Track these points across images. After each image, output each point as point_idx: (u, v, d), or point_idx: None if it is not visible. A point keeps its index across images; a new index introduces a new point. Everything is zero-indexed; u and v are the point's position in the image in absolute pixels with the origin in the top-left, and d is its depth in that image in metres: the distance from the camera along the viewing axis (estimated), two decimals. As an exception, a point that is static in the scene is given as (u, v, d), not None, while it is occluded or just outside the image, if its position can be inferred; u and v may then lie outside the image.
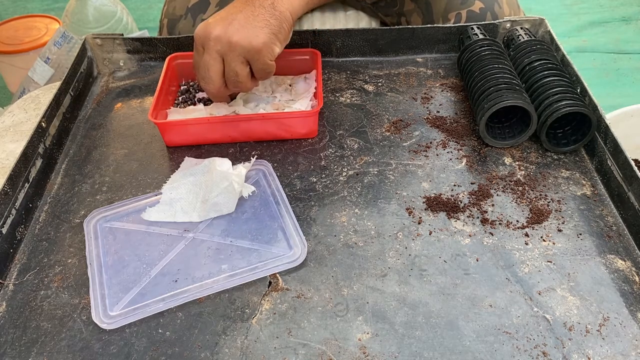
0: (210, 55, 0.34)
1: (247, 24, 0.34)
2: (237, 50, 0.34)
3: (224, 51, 0.34)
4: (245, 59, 0.35)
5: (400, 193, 0.36)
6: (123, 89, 0.47)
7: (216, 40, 0.34)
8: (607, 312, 0.28)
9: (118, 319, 0.29)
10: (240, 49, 0.34)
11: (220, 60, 0.35)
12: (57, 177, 0.39)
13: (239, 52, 0.34)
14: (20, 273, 0.32)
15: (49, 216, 0.35)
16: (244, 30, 0.33)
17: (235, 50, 0.34)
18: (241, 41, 0.33)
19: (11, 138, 0.47)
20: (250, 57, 0.35)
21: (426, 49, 0.47)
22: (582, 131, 0.37)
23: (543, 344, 0.27)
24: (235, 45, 0.34)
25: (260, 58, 0.35)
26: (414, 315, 0.28)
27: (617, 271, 0.30)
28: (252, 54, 0.34)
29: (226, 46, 0.34)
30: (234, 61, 0.34)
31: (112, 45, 0.48)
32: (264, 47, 0.34)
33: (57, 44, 0.65)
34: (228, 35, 0.33)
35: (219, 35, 0.34)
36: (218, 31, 0.34)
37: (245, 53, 0.34)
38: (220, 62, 0.35)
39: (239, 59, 0.34)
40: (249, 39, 0.33)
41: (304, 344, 0.27)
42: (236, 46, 0.34)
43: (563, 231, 0.33)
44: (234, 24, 0.34)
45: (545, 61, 0.40)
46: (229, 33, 0.33)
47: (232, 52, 0.34)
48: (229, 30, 0.34)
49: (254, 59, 0.35)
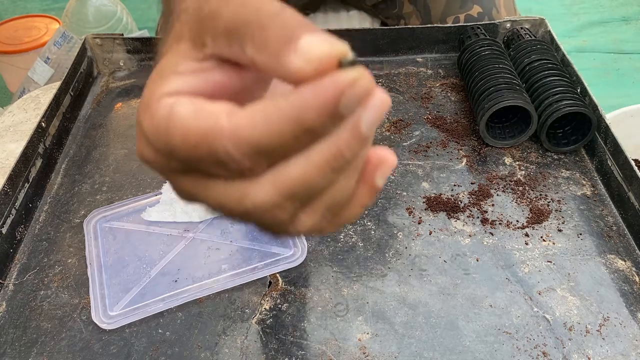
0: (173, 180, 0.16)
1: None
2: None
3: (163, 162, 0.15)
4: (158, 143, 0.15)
5: (400, 193, 0.36)
6: (123, 89, 0.47)
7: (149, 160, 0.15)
8: (607, 312, 0.28)
9: (118, 319, 0.28)
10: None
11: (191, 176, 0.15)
12: (57, 177, 0.38)
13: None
14: (20, 273, 0.32)
15: (49, 216, 0.35)
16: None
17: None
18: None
19: (11, 138, 0.47)
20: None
21: (426, 49, 0.47)
22: (582, 131, 0.37)
23: (543, 344, 0.27)
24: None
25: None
26: (414, 315, 0.28)
27: (617, 271, 0.30)
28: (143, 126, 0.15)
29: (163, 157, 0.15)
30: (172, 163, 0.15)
31: (112, 45, 0.47)
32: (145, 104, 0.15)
33: (57, 43, 0.65)
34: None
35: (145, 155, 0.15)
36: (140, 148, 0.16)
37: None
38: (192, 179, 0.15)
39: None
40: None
41: (303, 344, 0.27)
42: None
43: (563, 231, 0.33)
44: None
45: (546, 61, 0.40)
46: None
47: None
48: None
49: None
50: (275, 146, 0.13)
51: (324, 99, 0.12)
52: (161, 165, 0.15)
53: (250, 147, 0.13)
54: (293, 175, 0.13)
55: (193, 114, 0.13)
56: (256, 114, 0.13)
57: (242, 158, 0.13)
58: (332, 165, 0.13)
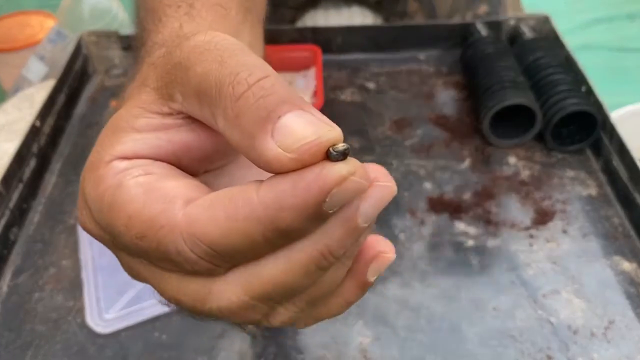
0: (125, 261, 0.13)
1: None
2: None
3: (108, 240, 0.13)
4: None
5: (402, 193, 0.35)
6: (118, 87, 0.46)
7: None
8: (613, 314, 0.28)
9: (113, 323, 0.28)
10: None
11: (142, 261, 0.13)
12: (51, 177, 0.38)
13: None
14: (14, 275, 0.31)
15: (44, 217, 0.35)
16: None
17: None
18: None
19: (5, 137, 0.46)
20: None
21: (429, 46, 0.46)
22: (587, 130, 0.37)
23: (547, 348, 0.26)
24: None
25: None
26: (416, 318, 0.28)
27: (622, 273, 0.30)
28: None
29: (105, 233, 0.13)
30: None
31: (107, 43, 0.47)
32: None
33: (51, 41, 0.64)
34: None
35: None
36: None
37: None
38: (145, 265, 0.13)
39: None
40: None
41: (303, 347, 0.27)
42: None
43: (568, 232, 0.32)
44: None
45: (550, 59, 0.39)
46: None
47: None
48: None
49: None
50: (241, 249, 0.10)
51: (305, 199, 0.09)
52: (102, 239, 0.12)
53: (209, 249, 0.10)
54: (266, 276, 0.11)
55: (143, 195, 0.11)
56: (218, 207, 0.10)
57: (197, 260, 0.10)
58: (318, 264, 0.11)
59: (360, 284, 0.13)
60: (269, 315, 0.12)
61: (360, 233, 0.11)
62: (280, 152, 0.10)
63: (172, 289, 0.12)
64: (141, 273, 0.13)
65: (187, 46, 0.12)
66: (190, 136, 0.12)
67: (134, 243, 0.11)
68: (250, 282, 0.11)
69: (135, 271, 0.13)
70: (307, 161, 0.10)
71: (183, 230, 0.10)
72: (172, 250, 0.11)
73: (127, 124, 0.12)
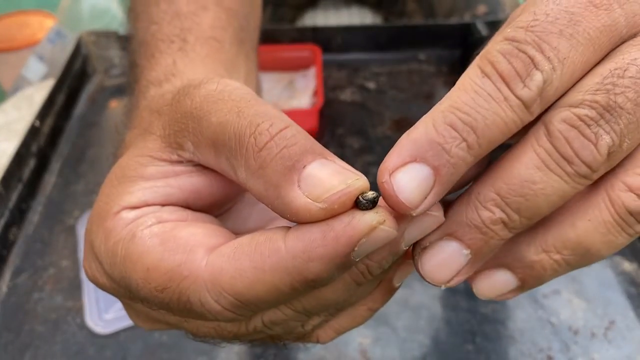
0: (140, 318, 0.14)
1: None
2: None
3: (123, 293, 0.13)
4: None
5: (401, 193, 0.35)
6: (118, 87, 0.46)
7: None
8: (613, 315, 0.28)
9: (113, 323, 0.28)
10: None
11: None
12: (51, 177, 0.38)
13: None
14: (14, 275, 0.31)
15: (43, 217, 0.35)
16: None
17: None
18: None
19: (4, 137, 0.46)
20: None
21: (429, 46, 0.46)
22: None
23: (548, 348, 0.26)
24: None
25: None
26: (416, 319, 0.28)
27: (623, 273, 0.30)
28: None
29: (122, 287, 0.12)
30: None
31: (107, 43, 0.47)
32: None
33: (51, 41, 0.64)
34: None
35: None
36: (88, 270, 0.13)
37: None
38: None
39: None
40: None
41: (303, 348, 0.27)
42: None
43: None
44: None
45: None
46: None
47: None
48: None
49: None
50: (267, 299, 0.10)
51: (334, 249, 0.09)
52: (115, 291, 0.12)
53: (235, 300, 0.10)
54: (312, 293, 0.11)
55: (160, 246, 0.10)
56: (243, 257, 0.10)
57: (221, 311, 0.10)
58: (357, 281, 0.11)
59: (386, 290, 0.13)
60: (305, 324, 0.12)
61: (400, 255, 0.11)
62: (309, 202, 0.10)
63: (209, 327, 0.12)
64: (163, 321, 0.12)
65: (198, 95, 0.11)
66: (201, 182, 0.12)
67: (154, 295, 0.11)
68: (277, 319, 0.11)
69: (156, 319, 0.12)
70: (337, 210, 0.10)
71: (207, 280, 0.10)
72: (195, 301, 0.10)
73: (135, 173, 0.12)
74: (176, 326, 0.12)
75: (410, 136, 0.10)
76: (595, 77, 0.10)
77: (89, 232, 0.12)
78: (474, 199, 0.10)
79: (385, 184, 0.10)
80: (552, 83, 0.09)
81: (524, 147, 0.10)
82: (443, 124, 0.10)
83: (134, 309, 0.13)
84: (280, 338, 0.13)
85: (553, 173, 0.09)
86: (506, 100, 0.09)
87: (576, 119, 0.09)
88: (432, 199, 0.10)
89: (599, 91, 0.09)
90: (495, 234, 0.10)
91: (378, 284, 0.12)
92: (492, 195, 0.10)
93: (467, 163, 0.10)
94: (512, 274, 0.11)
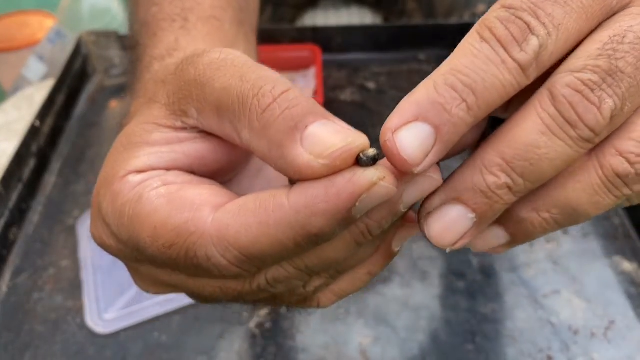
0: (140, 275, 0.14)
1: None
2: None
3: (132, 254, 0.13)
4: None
5: (401, 193, 0.35)
6: (118, 87, 0.46)
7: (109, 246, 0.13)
8: (613, 315, 0.28)
9: (113, 323, 0.28)
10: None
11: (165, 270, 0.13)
12: (51, 177, 0.38)
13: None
14: (14, 275, 0.31)
15: (43, 217, 0.35)
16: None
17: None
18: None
19: (4, 137, 0.46)
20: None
21: (429, 46, 0.46)
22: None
23: (548, 348, 0.26)
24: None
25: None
26: (416, 318, 0.28)
27: (623, 273, 0.30)
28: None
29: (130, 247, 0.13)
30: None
31: (107, 43, 0.47)
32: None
33: (51, 41, 0.64)
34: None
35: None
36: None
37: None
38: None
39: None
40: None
41: (303, 348, 0.27)
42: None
43: (568, 232, 0.32)
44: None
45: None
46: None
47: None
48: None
49: None
50: (271, 254, 0.10)
51: (336, 204, 0.10)
52: (123, 253, 0.12)
53: (240, 254, 0.10)
54: (314, 250, 0.11)
55: (167, 205, 0.11)
56: (248, 214, 0.10)
57: (227, 266, 0.10)
58: (357, 240, 0.11)
59: (385, 254, 0.13)
60: (307, 284, 0.12)
61: (399, 216, 0.11)
62: (312, 159, 0.10)
63: (214, 286, 0.12)
64: (168, 282, 0.12)
65: (201, 63, 0.12)
66: (205, 148, 0.12)
67: (162, 252, 0.11)
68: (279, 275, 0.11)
69: (161, 281, 0.13)
70: (339, 167, 0.10)
71: (214, 236, 0.10)
72: (202, 256, 0.11)
73: (141, 139, 0.12)
74: (181, 288, 0.13)
75: (412, 98, 0.10)
76: (595, 44, 0.10)
77: (97, 196, 0.12)
78: (479, 164, 0.10)
79: (388, 142, 0.10)
80: (548, 48, 0.10)
81: (528, 112, 0.10)
82: (444, 86, 0.10)
83: (139, 273, 0.13)
84: (283, 300, 0.13)
85: (557, 138, 0.10)
86: (504, 63, 0.10)
87: (580, 84, 0.10)
88: (433, 157, 0.10)
89: (601, 56, 0.10)
90: (500, 199, 0.10)
91: (377, 247, 0.13)
92: (497, 161, 0.10)
93: (466, 124, 0.10)
94: (503, 229, 0.12)
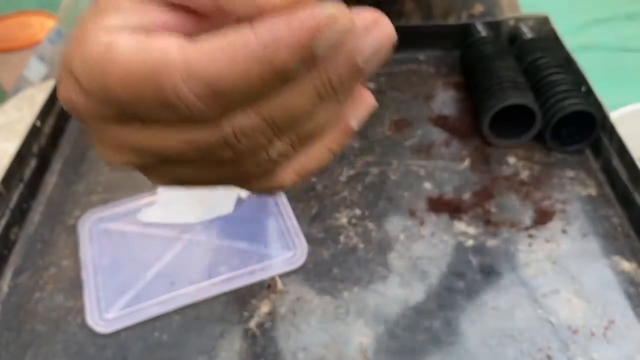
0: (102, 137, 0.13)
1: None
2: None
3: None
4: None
5: (401, 193, 0.35)
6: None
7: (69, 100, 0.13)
8: (613, 314, 0.28)
9: (113, 322, 0.28)
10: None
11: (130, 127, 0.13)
12: (51, 177, 0.38)
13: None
14: (15, 275, 0.31)
15: (44, 217, 0.35)
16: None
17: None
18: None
19: (5, 137, 0.46)
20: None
21: (428, 47, 0.46)
22: (587, 130, 0.37)
23: (547, 347, 0.26)
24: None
25: None
26: (416, 318, 0.28)
27: (622, 273, 0.30)
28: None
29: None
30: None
31: (108, 42, 0.47)
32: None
33: (52, 41, 0.64)
34: None
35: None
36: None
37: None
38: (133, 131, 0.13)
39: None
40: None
41: (303, 347, 0.27)
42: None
43: (568, 232, 0.32)
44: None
45: (550, 59, 0.39)
46: None
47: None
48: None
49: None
50: (239, 90, 0.10)
51: (299, 38, 0.10)
52: (91, 111, 0.12)
53: (207, 86, 0.10)
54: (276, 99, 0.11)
55: (136, 48, 0.11)
56: (216, 50, 0.10)
57: (195, 102, 0.10)
58: (319, 92, 0.11)
59: (344, 130, 0.14)
60: (270, 147, 0.12)
61: (358, 73, 0.11)
62: None
63: (181, 142, 0.12)
64: (133, 143, 0.12)
65: None
66: (172, 19, 0.12)
67: (130, 93, 0.11)
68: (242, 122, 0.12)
69: (126, 144, 0.13)
70: (299, 2, 0.10)
71: (182, 69, 0.10)
72: (170, 90, 0.10)
73: (110, 6, 0.12)
74: (147, 150, 0.13)
75: None
76: None
77: (66, 56, 0.12)
78: None
79: None
80: None
81: None
82: None
83: (104, 137, 0.13)
84: (247, 170, 0.13)
85: None
86: None
87: None
88: None
89: None
90: None
91: (338, 115, 0.13)
92: None
93: None
94: None
